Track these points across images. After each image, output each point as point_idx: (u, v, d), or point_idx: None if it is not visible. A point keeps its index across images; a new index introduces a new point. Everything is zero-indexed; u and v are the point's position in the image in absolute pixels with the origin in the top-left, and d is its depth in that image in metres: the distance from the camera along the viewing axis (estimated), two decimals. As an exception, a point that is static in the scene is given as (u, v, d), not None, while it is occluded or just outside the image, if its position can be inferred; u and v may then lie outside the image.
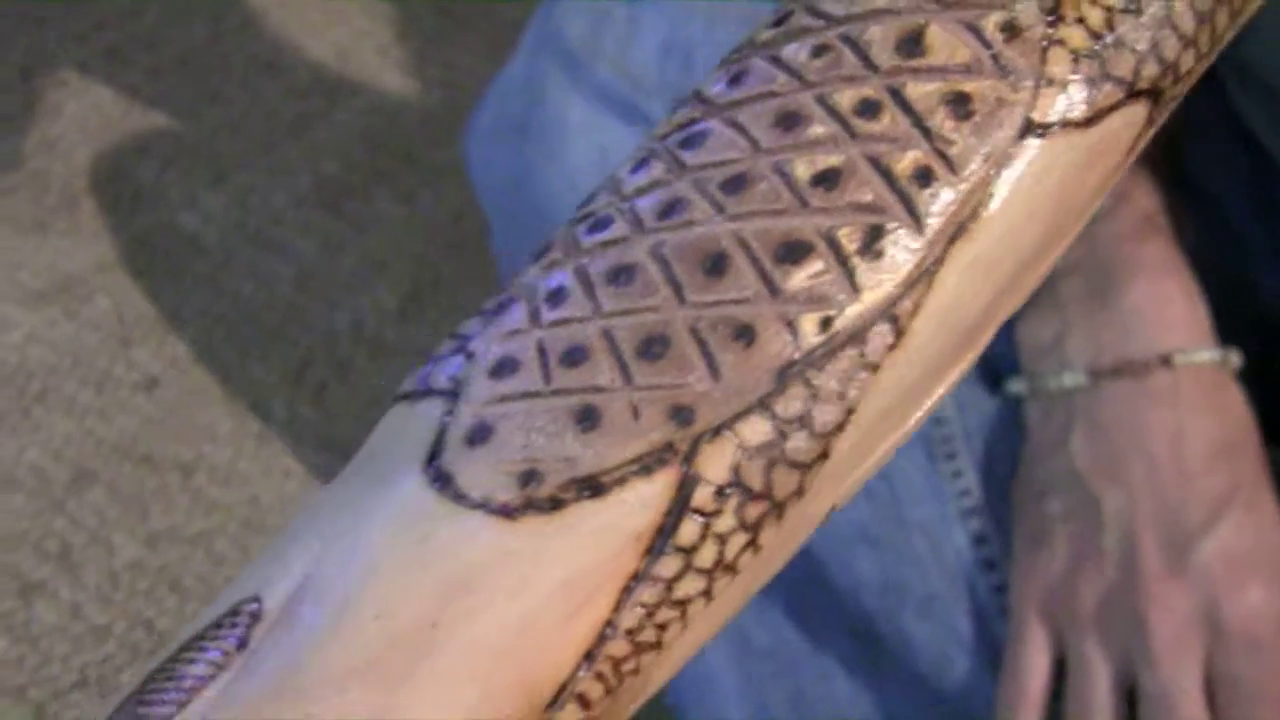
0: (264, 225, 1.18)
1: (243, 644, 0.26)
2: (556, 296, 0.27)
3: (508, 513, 0.25)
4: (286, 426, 1.03)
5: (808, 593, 0.77)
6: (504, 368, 0.26)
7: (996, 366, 0.75)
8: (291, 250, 1.17)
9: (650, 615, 0.25)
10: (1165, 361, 0.70)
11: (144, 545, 0.95)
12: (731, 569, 0.26)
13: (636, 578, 0.25)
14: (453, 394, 0.27)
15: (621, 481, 0.25)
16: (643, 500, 0.25)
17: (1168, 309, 0.71)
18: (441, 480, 0.26)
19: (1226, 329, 0.71)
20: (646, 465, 0.25)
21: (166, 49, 1.30)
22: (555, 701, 0.25)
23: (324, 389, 1.06)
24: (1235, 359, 0.70)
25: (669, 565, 0.25)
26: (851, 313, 0.26)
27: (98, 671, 0.89)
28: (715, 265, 0.26)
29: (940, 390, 0.29)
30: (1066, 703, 0.70)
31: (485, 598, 0.25)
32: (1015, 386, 0.73)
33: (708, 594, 0.26)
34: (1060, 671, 0.71)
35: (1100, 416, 0.71)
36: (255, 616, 0.26)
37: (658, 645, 0.26)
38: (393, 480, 0.26)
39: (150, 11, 1.34)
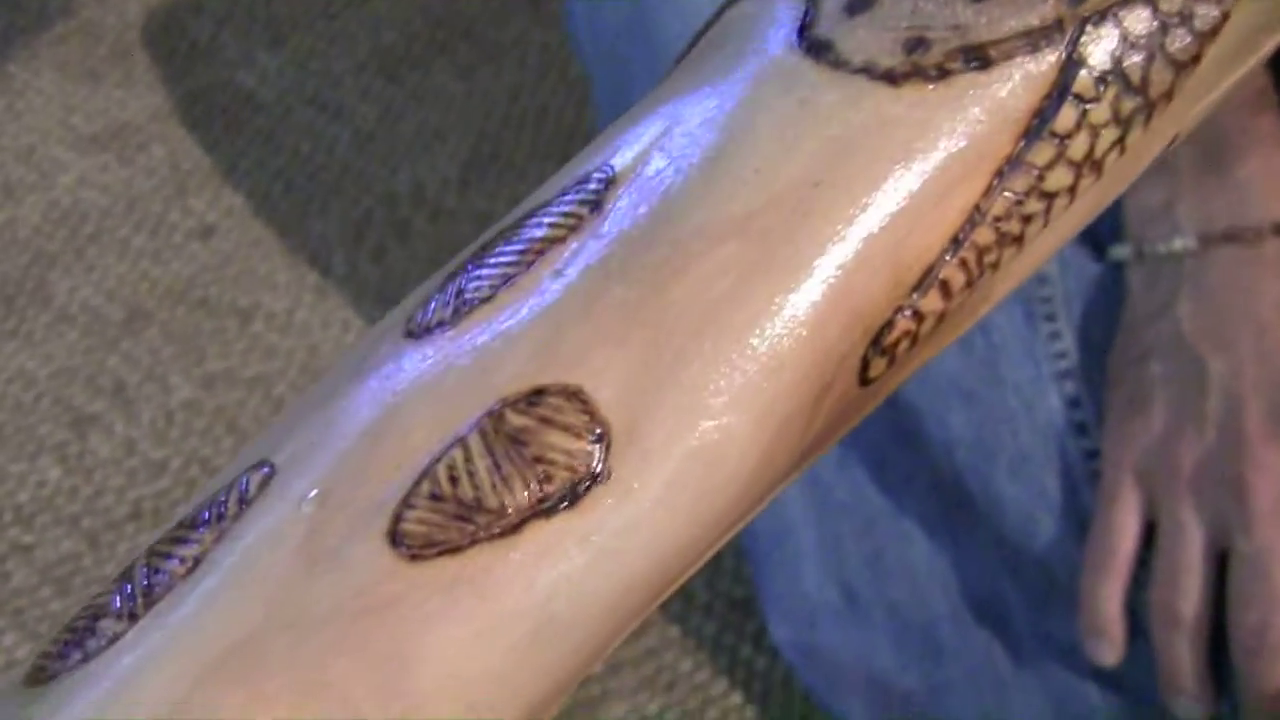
0: (322, 88, 1.18)
1: (597, 206, 0.25)
2: None
3: (892, 79, 0.25)
4: (346, 281, 1.03)
5: (891, 451, 0.77)
6: None
7: (1100, 234, 0.75)
8: (350, 114, 1.16)
9: (1018, 204, 0.25)
10: (1277, 230, 0.70)
11: (200, 386, 0.95)
12: (1098, 168, 0.26)
13: (1010, 162, 0.25)
14: None
15: (1008, 56, 0.25)
16: (1027, 78, 0.25)
17: (1280, 180, 0.71)
18: (818, 48, 0.25)
19: None
20: (1034, 42, 0.25)
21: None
22: (920, 285, 0.25)
23: (384, 249, 1.06)
24: (1342, 233, 0.72)
25: (1043, 152, 0.25)
26: None
27: (153, 504, 0.89)
28: None
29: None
30: (1156, 566, 0.71)
31: (865, 163, 0.24)
32: (1120, 252, 0.74)
33: (1073, 192, 0.26)
34: (1149, 538, 0.72)
35: (1208, 282, 0.71)
36: (608, 180, 0.25)
37: (1019, 240, 0.26)
38: (760, 51, 0.26)
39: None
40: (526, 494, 0.23)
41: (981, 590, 0.78)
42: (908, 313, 0.25)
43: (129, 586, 0.24)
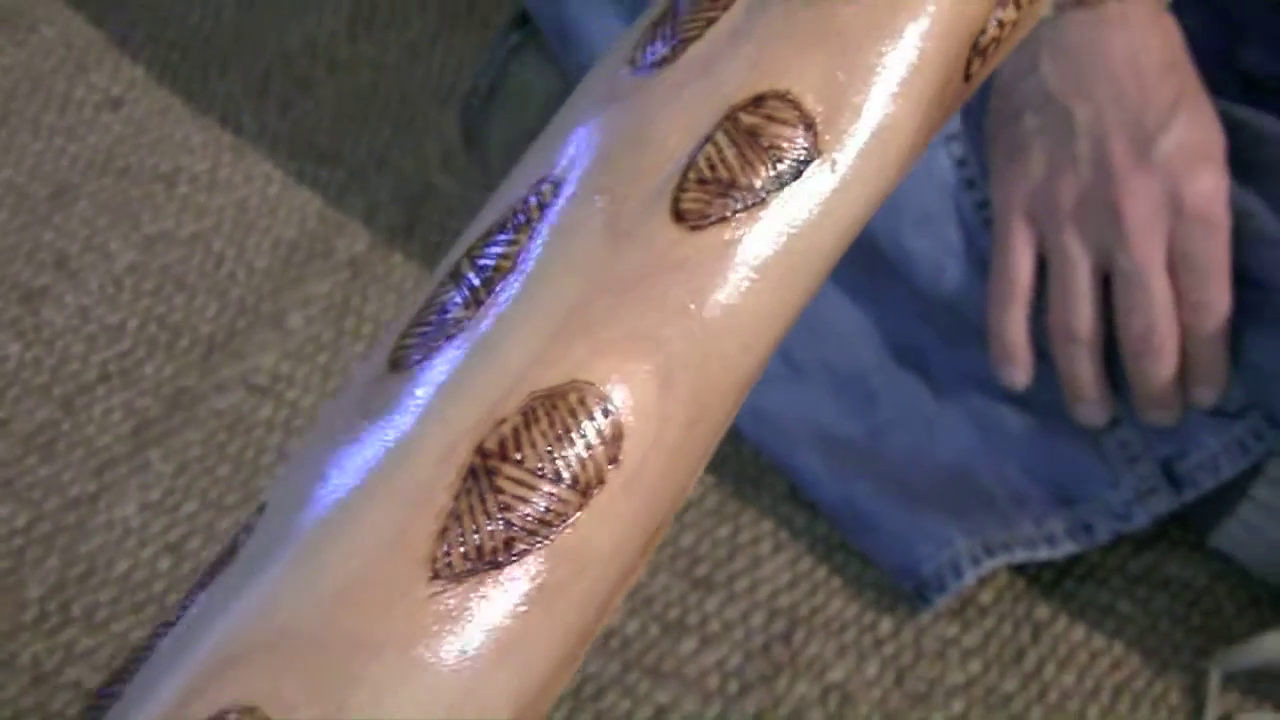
0: None
1: None
2: None
3: None
4: (259, 137, 1.14)
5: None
6: None
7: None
8: None
9: None
10: None
11: (141, 250, 1.06)
12: None
13: None
14: None
15: None
16: None
17: (1118, -48, 0.86)
18: None
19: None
20: None
21: None
22: (1001, 1, 0.36)
23: (289, 102, 1.17)
24: (1169, -7, 0.85)
25: None
26: None
27: (119, 365, 0.99)
28: None
29: None
30: (1050, 293, 0.85)
31: None
32: (986, 23, 0.90)
33: None
34: (1041, 272, 0.86)
35: (1065, 43, 0.85)
36: None
37: None
38: None
39: None
40: (763, 173, 0.32)
41: (901, 339, 0.92)
42: (994, 22, 0.35)
43: (469, 278, 0.33)
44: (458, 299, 0.33)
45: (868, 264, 0.91)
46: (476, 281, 0.33)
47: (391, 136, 1.17)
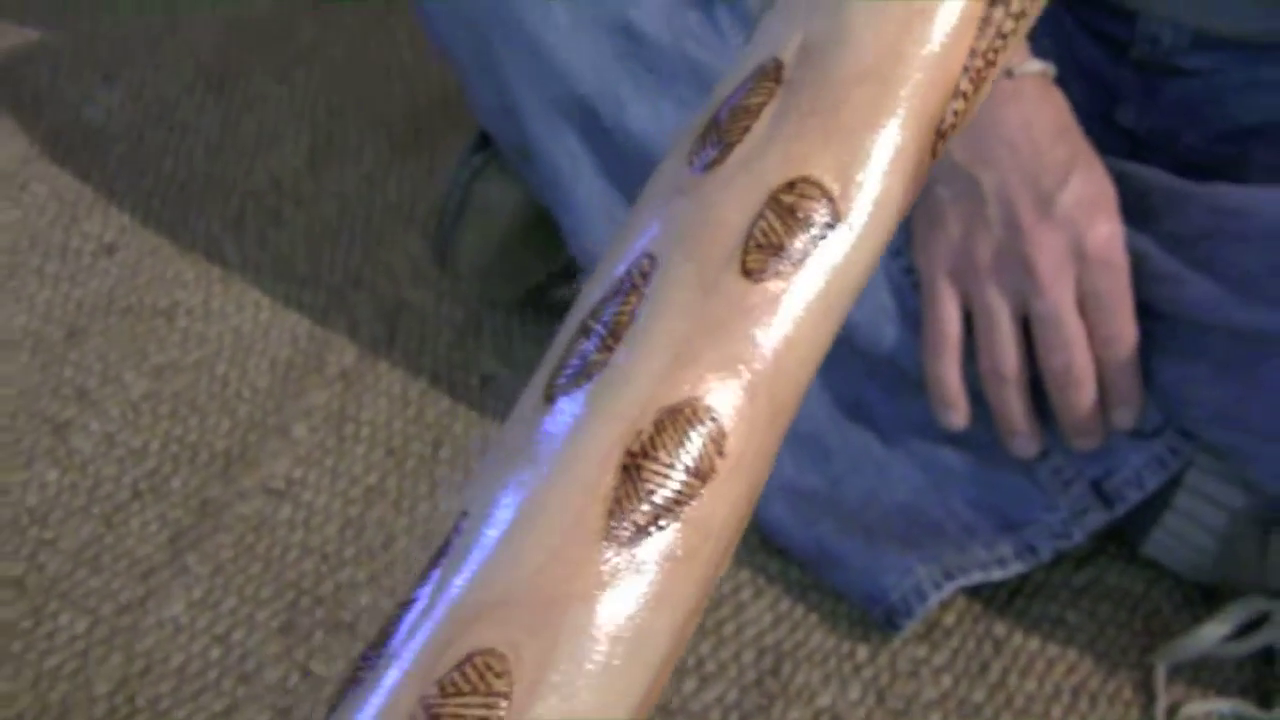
0: (163, 112, 1.39)
1: (778, 80, 0.45)
2: None
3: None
4: (244, 267, 1.24)
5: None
6: None
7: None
8: (194, 129, 1.38)
9: (992, 41, 0.47)
10: (1008, 74, 0.94)
11: (153, 378, 1.15)
12: (1016, 32, 0.48)
13: (985, 19, 0.46)
14: None
15: None
16: None
17: (1006, 37, 0.98)
18: None
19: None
20: None
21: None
22: (954, 94, 0.45)
23: (265, 236, 1.27)
24: (1052, 70, 0.95)
25: (996, 15, 0.47)
26: None
27: (149, 482, 1.07)
28: None
29: None
30: (978, 340, 0.93)
31: (925, 32, 0.45)
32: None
33: (1006, 39, 0.48)
34: (968, 324, 0.95)
35: None
36: (779, 63, 0.45)
37: (993, 63, 0.47)
38: None
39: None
40: (802, 237, 0.42)
41: (849, 397, 1.00)
42: (951, 112, 0.45)
43: (598, 330, 0.42)
44: (590, 346, 0.42)
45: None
46: (604, 332, 0.42)
47: (363, 258, 1.26)
